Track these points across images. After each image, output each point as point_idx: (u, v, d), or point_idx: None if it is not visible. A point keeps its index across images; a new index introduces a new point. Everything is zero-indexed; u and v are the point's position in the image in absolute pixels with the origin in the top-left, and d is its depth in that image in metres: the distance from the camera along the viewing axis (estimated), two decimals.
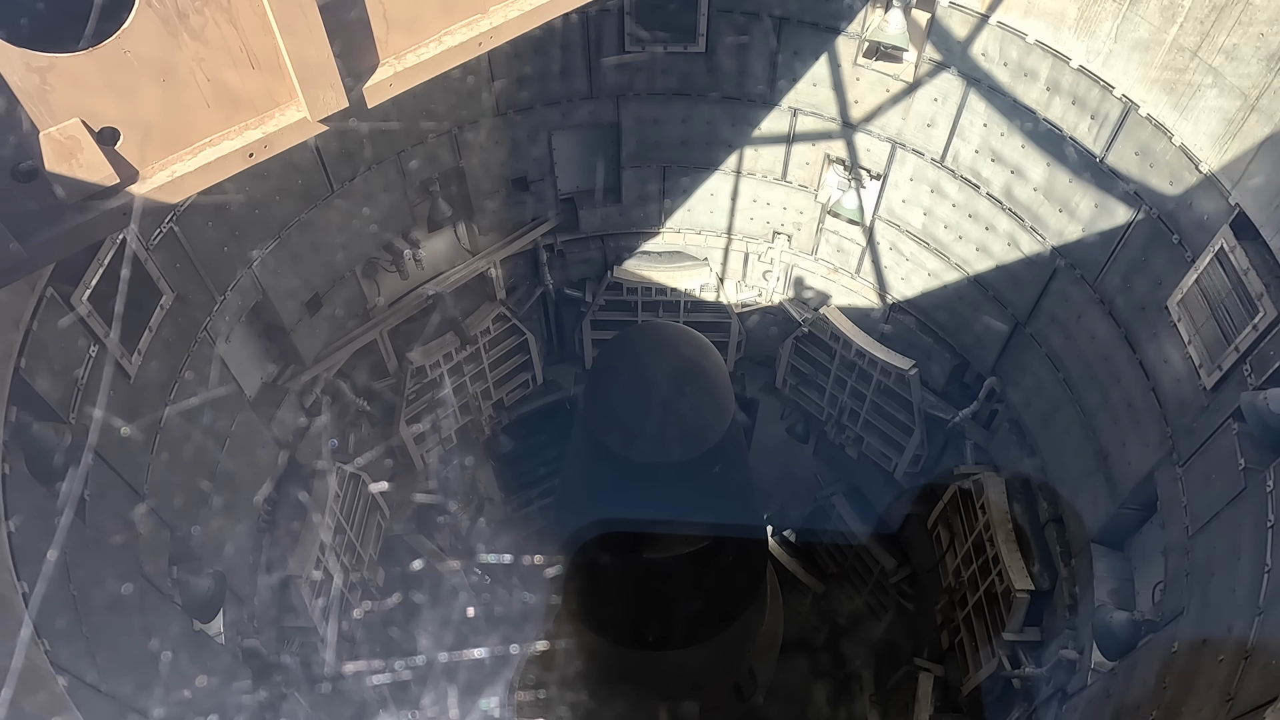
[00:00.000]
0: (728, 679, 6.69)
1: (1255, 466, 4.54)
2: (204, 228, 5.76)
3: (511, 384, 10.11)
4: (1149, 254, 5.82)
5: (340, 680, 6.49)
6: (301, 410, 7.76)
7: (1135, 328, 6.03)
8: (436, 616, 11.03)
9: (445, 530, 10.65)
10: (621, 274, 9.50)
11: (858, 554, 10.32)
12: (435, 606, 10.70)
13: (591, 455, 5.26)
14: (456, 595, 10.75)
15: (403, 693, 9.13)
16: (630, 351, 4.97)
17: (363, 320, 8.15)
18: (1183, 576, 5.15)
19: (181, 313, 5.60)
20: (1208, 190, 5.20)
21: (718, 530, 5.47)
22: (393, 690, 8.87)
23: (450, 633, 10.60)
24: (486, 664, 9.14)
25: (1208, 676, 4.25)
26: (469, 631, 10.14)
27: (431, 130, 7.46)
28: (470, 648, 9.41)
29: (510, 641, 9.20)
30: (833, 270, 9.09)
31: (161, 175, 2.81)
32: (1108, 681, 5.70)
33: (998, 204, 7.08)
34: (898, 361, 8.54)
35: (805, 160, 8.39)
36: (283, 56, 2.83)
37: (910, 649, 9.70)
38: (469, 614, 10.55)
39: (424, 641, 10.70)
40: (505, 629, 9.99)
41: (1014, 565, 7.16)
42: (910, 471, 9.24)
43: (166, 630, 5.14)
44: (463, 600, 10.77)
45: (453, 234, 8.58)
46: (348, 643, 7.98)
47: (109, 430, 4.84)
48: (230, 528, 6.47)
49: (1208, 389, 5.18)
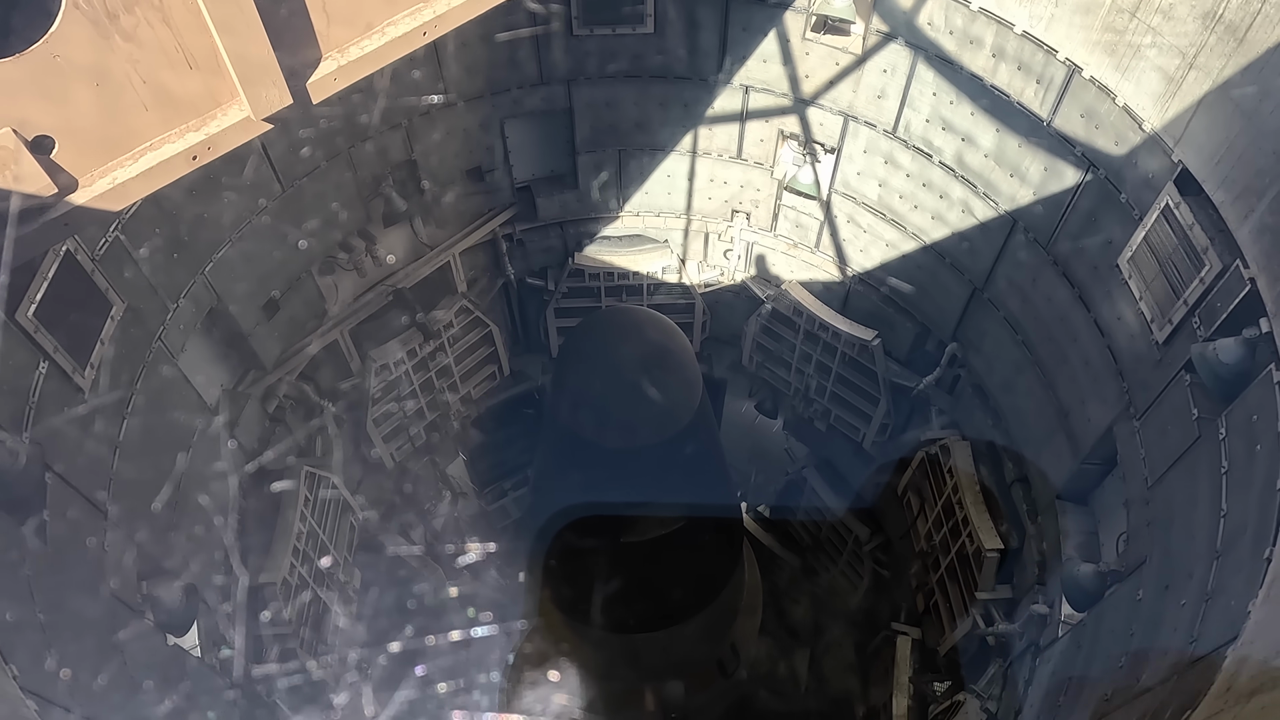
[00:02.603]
0: (711, 656, 6.76)
1: (1208, 416, 4.68)
2: (151, 235, 5.61)
3: (478, 377, 10.04)
4: (1098, 214, 5.94)
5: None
6: (265, 415, 7.64)
7: (1089, 287, 6.16)
8: (416, 611, 10.97)
9: (420, 527, 10.58)
10: (583, 260, 9.46)
11: (832, 525, 10.46)
12: (412, 601, 10.64)
13: (562, 444, 5.25)
14: (433, 589, 10.69)
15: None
16: (595, 338, 4.96)
17: (322, 321, 8.02)
18: (1144, 527, 5.30)
19: (134, 323, 5.46)
20: (1151, 149, 5.31)
21: (693, 511, 5.51)
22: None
23: (432, 624, 10.55)
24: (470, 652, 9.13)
25: (1172, 621, 4.39)
26: (450, 623, 10.11)
27: (381, 124, 7.34)
28: (451, 640, 9.39)
29: (493, 632, 9.19)
30: (792, 246, 9.14)
31: (102, 183, 2.73)
32: (1078, 632, 5.86)
33: (950, 172, 7.16)
34: (860, 333, 8.63)
35: (760, 137, 8.40)
36: (221, 55, 2.76)
37: (887, 614, 9.88)
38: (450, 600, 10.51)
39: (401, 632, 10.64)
40: (486, 618, 9.98)
41: (983, 526, 7.31)
42: (878, 441, 9.37)
43: (140, 647, 5.05)
44: (439, 593, 10.72)
45: (409, 228, 8.47)
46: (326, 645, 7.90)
47: (65, 447, 4.72)
48: (198, 538, 6.36)
49: (1160, 343, 5.31)
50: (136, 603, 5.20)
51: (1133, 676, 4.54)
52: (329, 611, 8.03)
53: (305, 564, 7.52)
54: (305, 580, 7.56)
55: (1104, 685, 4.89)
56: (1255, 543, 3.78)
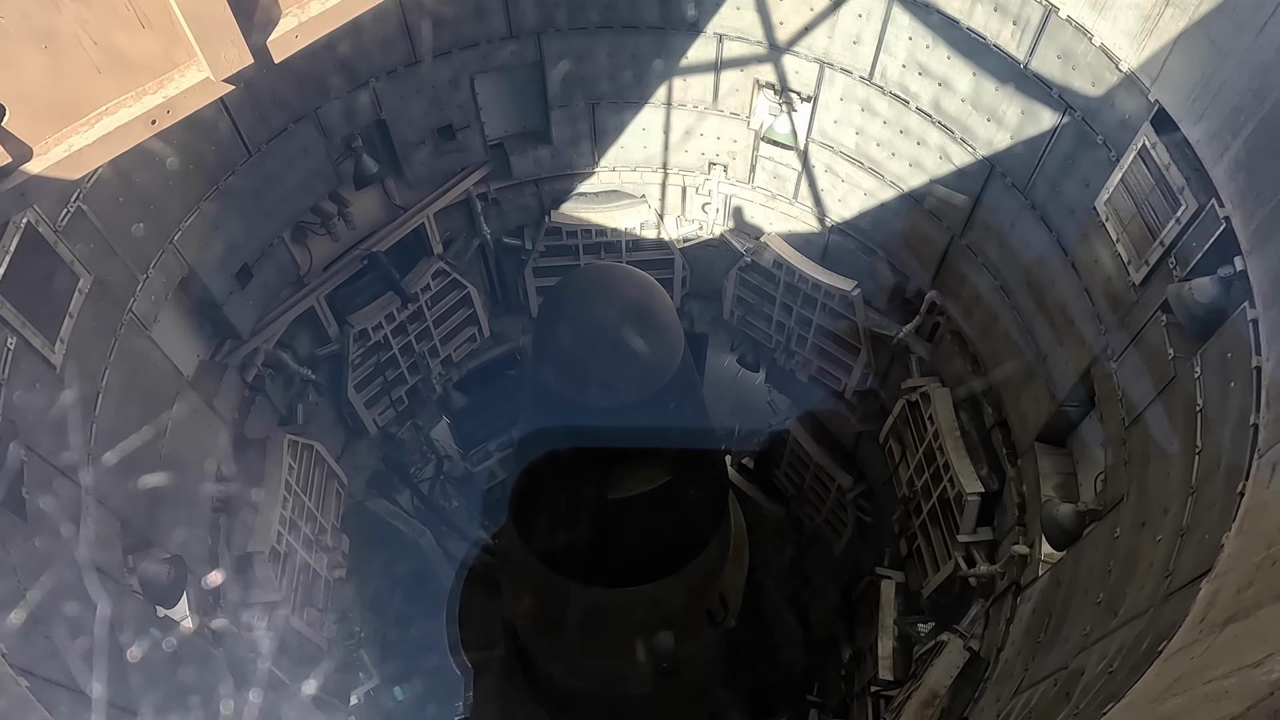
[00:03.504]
0: (699, 607, 6.86)
1: (1183, 355, 4.74)
2: (115, 204, 5.47)
3: (458, 339, 9.97)
4: (1075, 157, 5.92)
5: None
6: (244, 384, 7.56)
7: (1066, 231, 6.18)
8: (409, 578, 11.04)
9: (405, 491, 10.61)
10: (559, 218, 9.35)
11: (815, 475, 10.58)
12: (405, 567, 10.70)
13: (545, 403, 5.25)
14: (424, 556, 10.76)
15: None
16: (575, 296, 4.92)
17: (297, 287, 7.91)
18: (1122, 466, 5.40)
19: (103, 296, 5.35)
20: (1128, 89, 5.28)
21: (678, 465, 5.54)
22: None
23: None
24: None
25: (1148, 556, 4.50)
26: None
27: (347, 83, 7.15)
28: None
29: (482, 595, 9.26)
30: (770, 197, 9.08)
31: (58, 150, 2.63)
32: (1058, 571, 5.99)
33: (927, 118, 7.10)
34: (840, 283, 8.64)
35: (735, 87, 8.28)
36: (174, 13, 2.66)
37: (871, 560, 10.06)
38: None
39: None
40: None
41: (964, 470, 7.42)
42: (860, 390, 9.43)
43: (129, 619, 5.05)
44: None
45: (381, 190, 8.31)
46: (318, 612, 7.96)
47: (39, 424, 4.65)
48: (183, 510, 6.34)
49: (1136, 285, 5.35)
50: (123, 576, 5.19)
51: (1110, 611, 4.67)
52: (319, 578, 8.07)
53: (293, 531, 7.52)
54: (294, 547, 7.57)
55: (1083, 621, 5.02)
56: (1229, 478, 3.86)
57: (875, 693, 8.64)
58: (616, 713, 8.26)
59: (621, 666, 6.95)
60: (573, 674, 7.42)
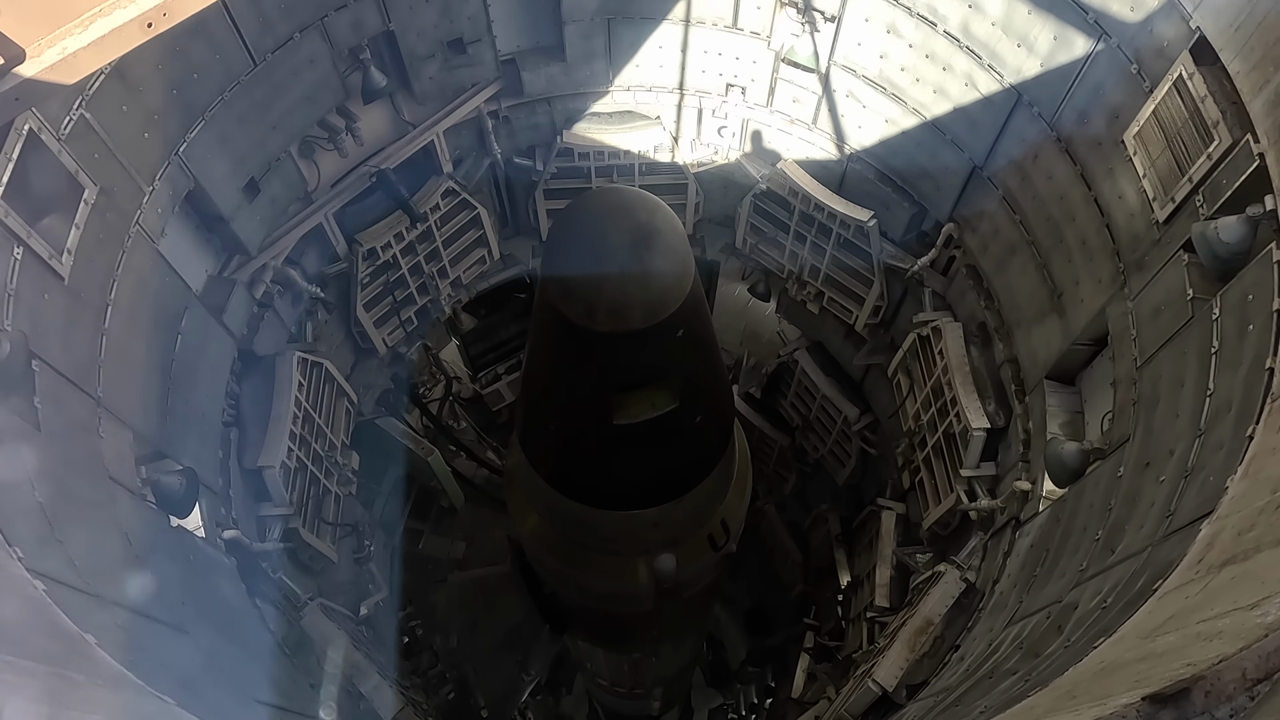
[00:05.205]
0: (701, 532, 6.96)
1: (1202, 296, 4.65)
2: (119, 113, 5.35)
3: (468, 260, 9.90)
4: (1107, 86, 5.70)
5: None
6: (253, 301, 7.55)
7: (1091, 164, 5.99)
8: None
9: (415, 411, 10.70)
10: (571, 139, 9.15)
11: (821, 406, 10.61)
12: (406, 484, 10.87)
13: (552, 328, 5.21)
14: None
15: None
16: (584, 219, 4.82)
17: (305, 203, 7.81)
18: (1130, 406, 5.37)
19: (109, 207, 5.29)
20: (1168, 14, 5.04)
21: (685, 392, 5.54)
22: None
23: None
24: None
25: (1150, 496, 4.51)
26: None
27: None
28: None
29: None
30: (789, 122, 8.83)
31: (51, 53, 2.55)
32: (1058, 508, 6.04)
33: (955, 42, 6.83)
34: (856, 213, 8.47)
35: (756, 4, 7.96)
36: None
37: (874, 491, 10.18)
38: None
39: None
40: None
41: (970, 405, 7.41)
42: (870, 323, 9.37)
43: (143, 529, 5.17)
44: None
45: (390, 105, 8.12)
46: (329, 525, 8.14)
47: (50, 335, 4.66)
48: (194, 423, 6.41)
49: (1160, 222, 5.21)
50: (137, 487, 5.29)
51: (1108, 549, 4.71)
52: (329, 494, 8.22)
53: (303, 447, 7.63)
54: (304, 463, 7.69)
55: (1080, 557, 5.08)
56: (1239, 421, 3.83)
57: (871, 618, 8.86)
58: (618, 629, 8.50)
59: (623, 586, 7.11)
60: (575, 591, 7.60)
